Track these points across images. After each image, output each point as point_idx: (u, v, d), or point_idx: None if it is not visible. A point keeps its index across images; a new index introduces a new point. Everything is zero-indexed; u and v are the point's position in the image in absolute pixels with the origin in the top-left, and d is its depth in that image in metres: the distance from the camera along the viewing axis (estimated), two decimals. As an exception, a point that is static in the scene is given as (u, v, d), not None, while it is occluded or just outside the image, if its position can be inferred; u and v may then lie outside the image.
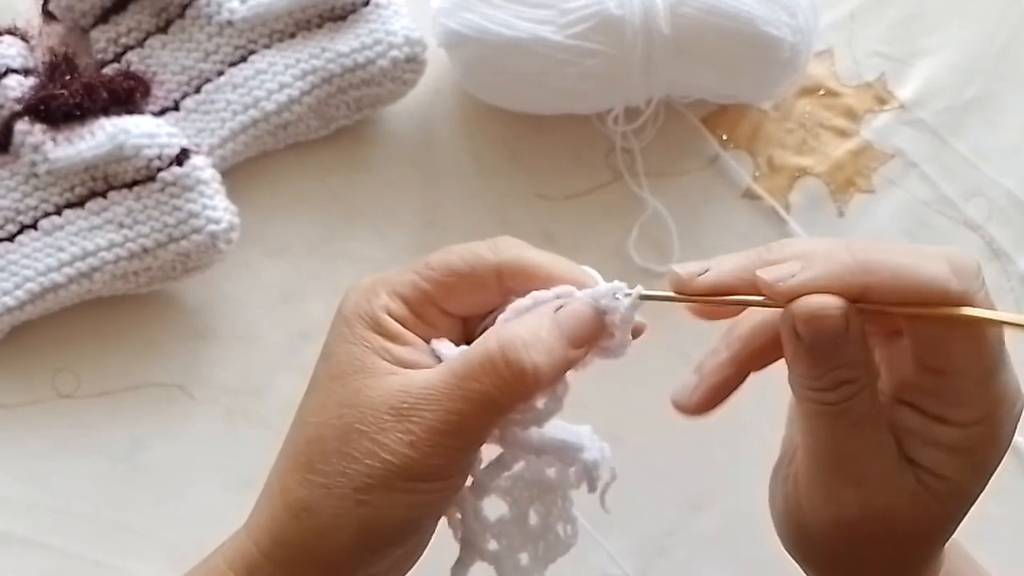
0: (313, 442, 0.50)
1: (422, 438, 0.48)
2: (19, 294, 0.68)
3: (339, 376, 0.51)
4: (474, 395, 0.49)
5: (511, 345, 0.49)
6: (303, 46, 0.71)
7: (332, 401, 0.50)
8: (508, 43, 0.68)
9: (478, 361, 0.49)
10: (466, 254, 0.51)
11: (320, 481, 0.49)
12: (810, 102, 0.76)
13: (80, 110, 0.68)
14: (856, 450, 0.49)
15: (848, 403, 0.48)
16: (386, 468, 0.48)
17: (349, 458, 0.49)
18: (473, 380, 0.49)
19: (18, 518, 0.69)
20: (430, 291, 0.51)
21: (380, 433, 0.49)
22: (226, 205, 0.69)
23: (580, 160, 0.74)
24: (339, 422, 0.50)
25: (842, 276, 0.47)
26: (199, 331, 0.72)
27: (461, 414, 0.49)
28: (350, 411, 0.50)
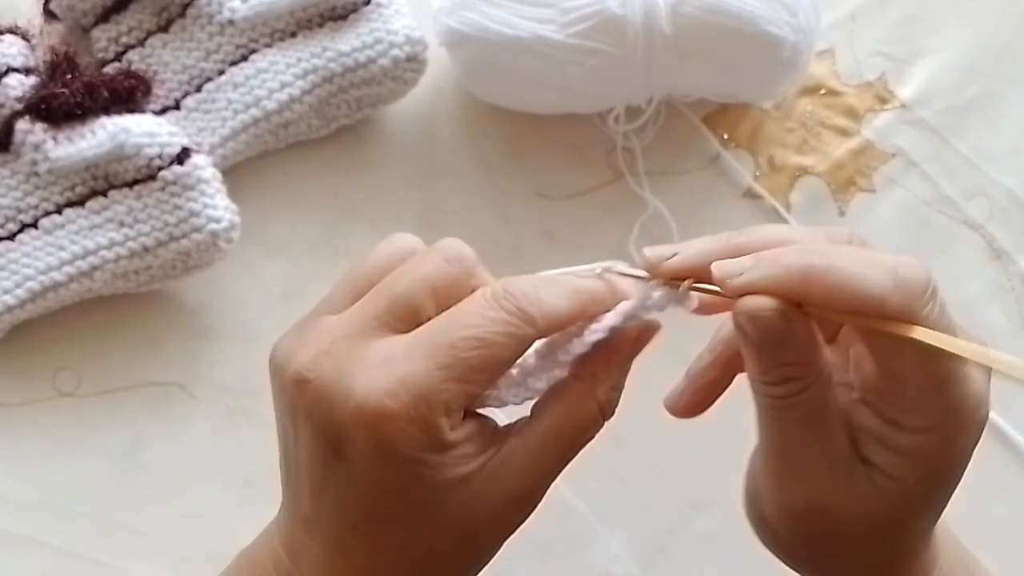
0: (436, 561, 0.50)
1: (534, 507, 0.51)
2: (19, 293, 0.68)
3: (440, 496, 0.49)
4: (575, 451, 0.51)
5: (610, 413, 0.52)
6: (304, 45, 0.71)
7: (446, 514, 0.49)
8: (509, 42, 0.68)
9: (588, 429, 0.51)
10: (509, 341, 0.48)
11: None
12: (811, 101, 0.76)
13: (81, 109, 0.68)
14: (801, 445, 0.50)
15: (793, 399, 0.49)
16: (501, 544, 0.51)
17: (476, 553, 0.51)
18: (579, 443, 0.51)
19: (18, 517, 0.69)
20: (482, 391, 0.49)
21: (508, 518, 0.51)
22: (227, 204, 0.69)
23: (581, 159, 0.74)
24: (466, 532, 0.50)
25: (783, 280, 0.47)
26: (200, 330, 0.72)
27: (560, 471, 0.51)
28: (479, 514, 0.50)
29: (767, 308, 0.47)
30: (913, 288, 0.47)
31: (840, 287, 0.46)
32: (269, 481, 0.70)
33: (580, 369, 0.51)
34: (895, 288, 0.46)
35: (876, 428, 0.50)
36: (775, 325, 0.47)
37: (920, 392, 0.48)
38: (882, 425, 0.50)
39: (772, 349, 0.48)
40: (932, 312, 0.47)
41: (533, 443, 0.50)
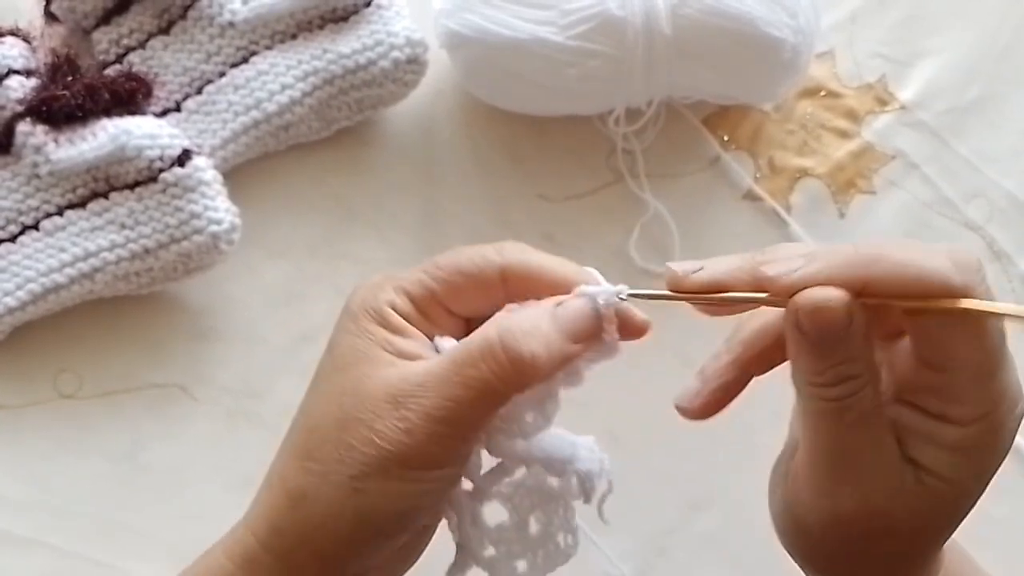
0: (312, 431, 0.51)
1: (418, 425, 0.49)
2: (21, 295, 0.68)
3: (341, 367, 0.51)
4: (471, 382, 0.49)
5: (509, 333, 0.49)
6: (304, 47, 0.71)
7: (333, 391, 0.51)
8: (509, 44, 0.68)
9: (476, 349, 0.49)
10: (474, 255, 0.52)
11: (318, 469, 0.50)
12: (811, 103, 0.76)
13: (82, 111, 0.68)
14: (856, 447, 0.49)
15: (850, 400, 0.48)
16: (382, 456, 0.49)
17: (346, 446, 0.49)
18: (471, 367, 0.49)
19: (19, 518, 0.69)
20: (436, 289, 0.52)
21: (377, 421, 0.49)
22: (228, 206, 0.69)
23: (581, 161, 0.74)
24: (338, 411, 0.50)
25: (844, 269, 0.47)
26: (200, 332, 0.72)
27: (458, 401, 0.49)
28: (349, 399, 0.50)
29: (834, 299, 0.46)
30: (970, 267, 0.47)
31: (904, 269, 0.46)
32: (270, 483, 0.70)
33: None
34: (956, 267, 0.47)
35: (921, 426, 0.50)
36: (839, 319, 0.47)
37: (972, 380, 0.48)
38: (928, 421, 0.49)
39: (830, 346, 0.47)
40: (987, 291, 0.48)
41: (433, 362, 0.50)
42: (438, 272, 0.52)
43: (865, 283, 0.47)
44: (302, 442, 0.51)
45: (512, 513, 0.54)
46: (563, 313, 0.51)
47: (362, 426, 0.49)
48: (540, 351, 0.49)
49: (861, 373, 0.48)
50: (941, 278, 0.46)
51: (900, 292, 0.47)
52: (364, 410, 0.49)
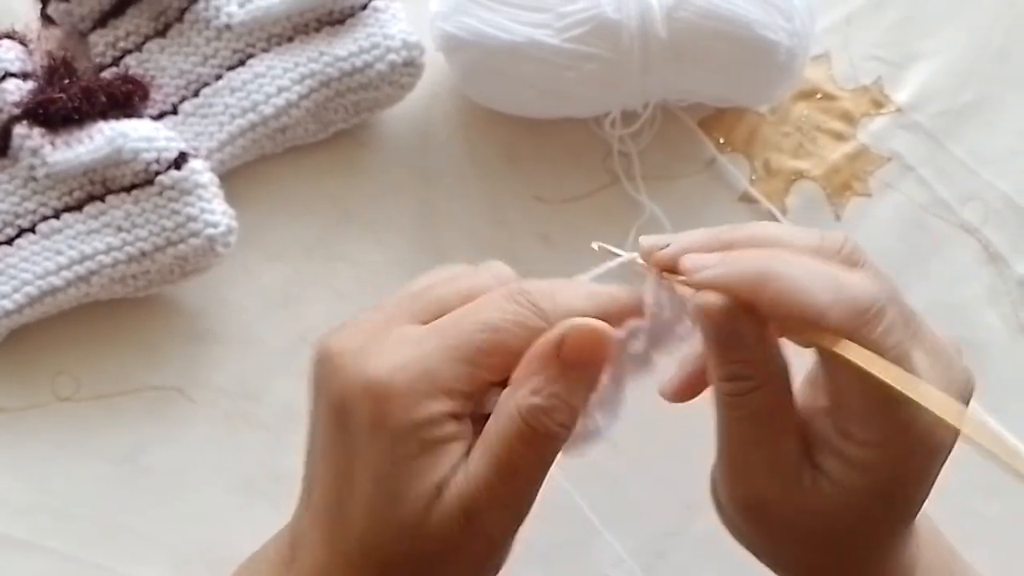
0: (386, 568, 0.49)
1: (496, 527, 0.49)
2: (17, 298, 0.68)
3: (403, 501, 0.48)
4: (522, 470, 0.48)
5: (536, 419, 0.48)
6: (301, 50, 0.71)
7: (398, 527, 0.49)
8: (505, 47, 0.68)
9: (516, 441, 0.48)
10: (519, 330, 0.49)
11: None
12: (807, 106, 0.76)
13: (78, 114, 0.68)
14: (745, 441, 0.51)
15: (740, 398, 0.50)
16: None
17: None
18: (517, 458, 0.48)
19: (18, 521, 0.69)
20: (488, 378, 0.49)
21: (456, 547, 0.49)
22: (224, 209, 0.69)
23: (577, 163, 0.74)
24: (415, 550, 0.49)
25: (737, 283, 0.48)
26: (198, 334, 0.72)
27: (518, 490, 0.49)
28: (427, 537, 0.48)
29: (713, 304, 0.48)
30: (854, 306, 0.47)
31: (785, 296, 0.47)
32: (269, 484, 0.70)
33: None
34: (834, 303, 0.47)
35: (830, 436, 0.50)
36: (722, 322, 0.48)
37: (864, 408, 0.49)
38: (835, 434, 0.50)
39: (721, 345, 0.49)
40: (873, 333, 0.47)
41: (471, 461, 0.49)
42: (489, 360, 0.49)
43: (753, 301, 0.48)
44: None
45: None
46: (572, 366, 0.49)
47: (444, 559, 0.49)
48: (567, 418, 0.49)
49: (751, 376, 0.49)
50: (815, 312, 0.47)
51: (782, 315, 0.48)
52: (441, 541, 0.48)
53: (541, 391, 0.48)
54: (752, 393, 0.50)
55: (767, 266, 0.48)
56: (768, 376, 0.50)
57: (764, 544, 0.54)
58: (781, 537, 0.53)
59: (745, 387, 0.50)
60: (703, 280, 0.49)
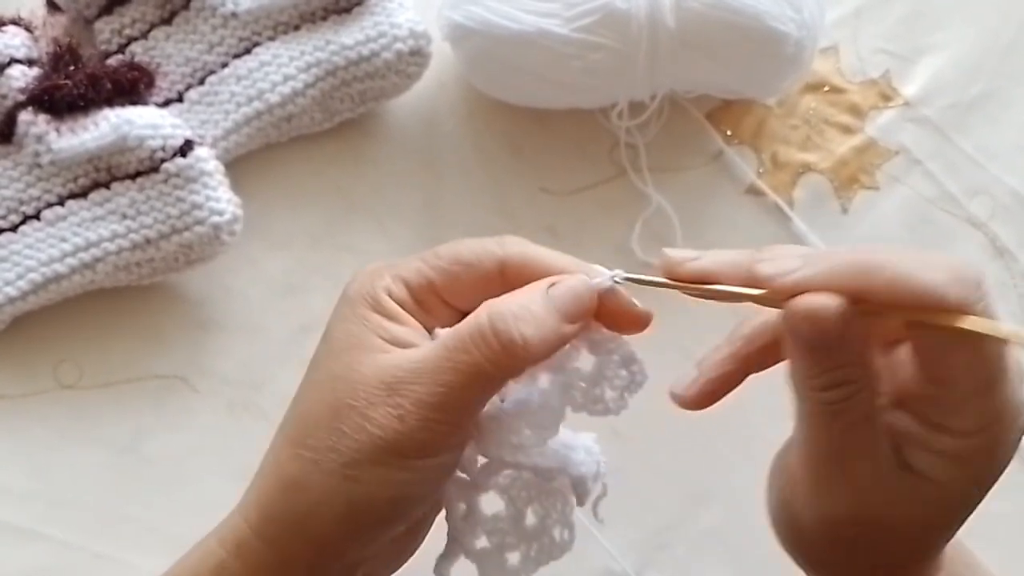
0: (305, 417, 0.51)
1: (411, 411, 0.48)
2: (21, 284, 0.68)
3: (335, 353, 0.51)
4: (463, 367, 0.49)
5: (500, 316, 0.49)
6: (307, 38, 0.71)
7: (326, 377, 0.51)
8: (513, 36, 0.68)
9: (467, 333, 0.49)
10: (474, 246, 0.52)
11: (310, 456, 0.50)
12: (815, 98, 0.76)
13: (84, 101, 0.68)
14: (850, 450, 0.49)
15: (845, 403, 0.48)
16: (374, 443, 0.49)
17: (339, 433, 0.49)
18: (462, 352, 0.49)
19: (20, 509, 0.69)
20: (434, 279, 0.52)
21: (370, 408, 0.49)
22: (229, 197, 0.69)
23: (584, 155, 0.74)
24: (331, 397, 0.50)
25: (841, 276, 0.46)
26: (201, 323, 0.72)
27: (450, 387, 0.49)
28: (342, 385, 0.50)
29: (830, 307, 0.46)
30: (970, 281, 0.46)
31: (901, 281, 0.46)
32: (270, 474, 0.70)
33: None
34: (954, 281, 0.46)
35: (919, 434, 0.49)
36: (836, 325, 0.46)
37: (970, 394, 0.48)
38: (926, 430, 0.49)
39: (828, 351, 0.47)
40: (986, 308, 0.47)
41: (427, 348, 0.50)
42: (437, 262, 0.52)
43: (862, 292, 0.46)
44: (295, 429, 0.51)
45: (509, 505, 0.54)
46: (556, 292, 0.50)
47: (355, 413, 0.49)
48: (531, 333, 0.49)
49: (856, 379, 0.48)
50: (938, 294, 0.46)
51: (897, 304, 0.46)
52: (357, 397, 0.49)
53: (514, 305, 0.50)
54: (855, 397, 0.48)
55: (868, 257, 0.46)
56: (869, 377, 0.48)
57: (849, 561, 0.52)
58: (874, 550, 0.51)
59: (849, 391, 0.48)
60: (800, 281, 0.47)
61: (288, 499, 0.50)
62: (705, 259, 0.50)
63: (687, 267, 0.50)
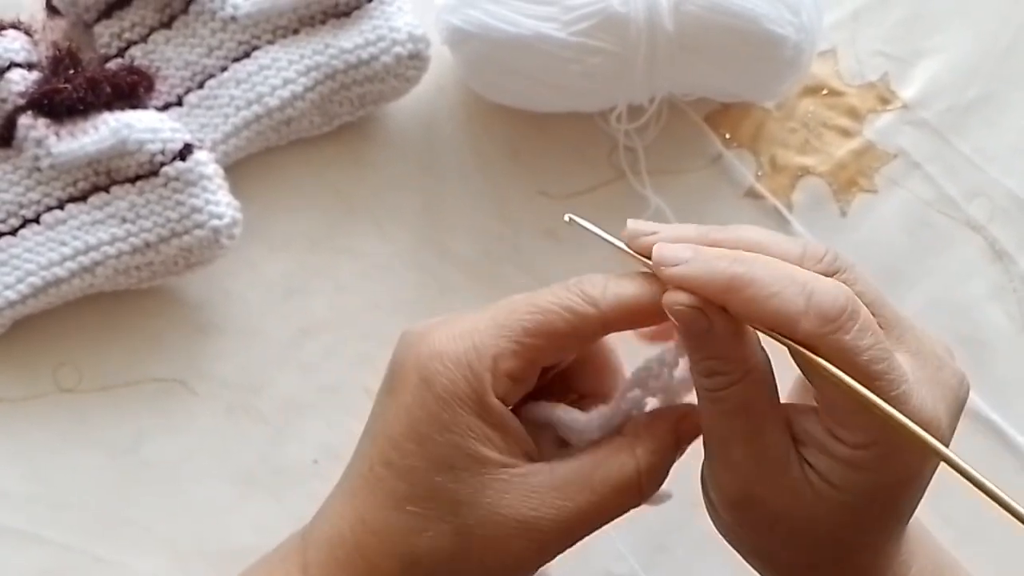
0: (433, 555, 0.51)
1: (536, 560, 0.51)
2: (21, 288, 0.68)
3: (448, 470, 0.50)
4: (603, 515, 0.52)
5: (649, 482, 0.53)
6: (307, 42, 0.71)
7: (444, 499, 0.50)
8: (511, 40, 0.68)
9: (621, 492, 0.52)
10: (565, 313, 0.51)
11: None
12: (813, 101, 0.76)
13: (83, 104, 0.68)
14: (729, 436, 0.50)
15: (718, 393, 0.50)
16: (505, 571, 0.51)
17: (470, 563, 0.50)
18: (610, 506, 0.52)
19: (19, 512, 0.69)
20: (538, 360, 0.52)
21: (500, 540, 0.50)
22: (229, 200, 0.69)
23: (583, 158, 0.74)
24: (461, 539, 0.50)
25: (712, 283, 0.48)
26: (201, 326, 0.72)
27: (584, 534, 0.51)
28: (472, 511, 0.50)
29: (683, 304, 0.48)
30: (826, 313, 0.47)
31: (757, 302, 0.47)
32: (270, 477, 0.70)
33: (626, 426, 0.54)
34: (806, 311, 0.47)
35: (818, 435, 0.50)
36: (695, 322, 0.48)
37: (849, 412, 0.48)
38: (823, 433, 0.50)
39: (694, 342, 0.49)
40: (845, 338, 0.47)
41: (559, 477, 0.51)
42: (534, 341, 0.51)
43: (725, 303, 0.48)
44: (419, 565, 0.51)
45: None
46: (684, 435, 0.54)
47: (489, 551, 0.50)
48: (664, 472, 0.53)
49: (729, 371, 0.49)
50: (789, 322, 0.47)
51: (755, 320, 0.48)
52: (488, 528, 0.50)
53: (664, 457, 0.54)
54: (731, 388, 0.49)
55: (738, 271, 0.48)
56: (746, 371, 0.50)
57: (753, 543, 0.54)
58: (770, 535, 0.52)
59: (723, 382, 0.50)
60: (674, 276, 0.49)
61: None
62: (657, 236, 0.51)
63: (639, 242, 0.52)
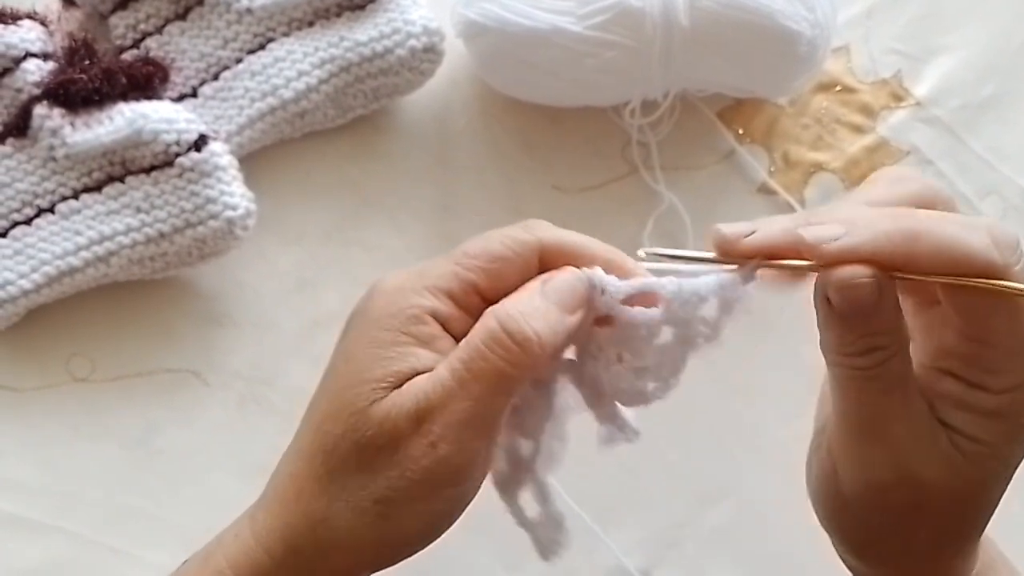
0: (331, 452, 0.49)
1: (443, 436, 0.48)
2: (35, 277, 0.68)
3: (355, 382, 0.50)
4: (486, 375, 0.48)
5: (510, 318, 0.49)
6: (321, 34, 0.71)
7: (349, 411, 0.49)
8: (526, 34, 0.68)
9: (480, 341, 0.49)
10: (505, 239, 0.51)
11: (339, 493, 0.49)
12: (826, 98, 0.76)
13: (99, 95, 0.68)
14: (886, 413, 0.49)
15: (878, 368, 0.48)
16: (408, 479, 0.48)
17: (369, 471, 0.48)
18: (480, 361, 0.48)
19: (31, 502, 0.69)
20: (476, 281, 0.50)
21: (401, 443, 0.48)
22: (243, 191, 0.69)
23: (596, 152, 0.74)
24: (356, 435, 0.49)
25: (885, 244, 0.46)
26: (214, 317, 0.72)
27: (477, 398, 0.48)
28: (366, 423, 0.49)
29: (867, 276, 0.46)
30: (1010, 243, 0.47)
31: (946, 248, 0.46)
32: (282, 469, 0.70)
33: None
34: (996, 246, 0.46)
35: (956, 392, 0.49)
36: (870, 295, 0.46)
37: (1009, 352, 0.48)
38: (964, 388, 0.49)
39: (862, 319, 0.47)
40: (1022, 268, 0.47)
41: (438, 368, 0.49)
42: (472, 262, 0.50)
43: (907, 259, 0.46)
44: (320, 462, 0.50)
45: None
46: (550, 288, 0.50)
47: (384, 451, 0.48)
48: (542, 327, 0.49)
49: (889, 344, 0.48)
50: (984, 259, 0.46)
51: (941, 270, 0.47)
52: (384, 434, 0.48)
53: (523, 305, 0.49)
54: (889, 362, 0.48)
55: (912, 224, 0.46)
56: (901, 341, 0.49)
57: (890, 531, 0.52)
58: (919, 515, 0.50)
59: (883, 356, 0.48)
60: (840, 250, 0.47)
61: (316, 534, 0.49)
62: (760, 232, 0.49)
63: (743, 244, 0.49)
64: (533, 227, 0.52)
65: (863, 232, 0.47)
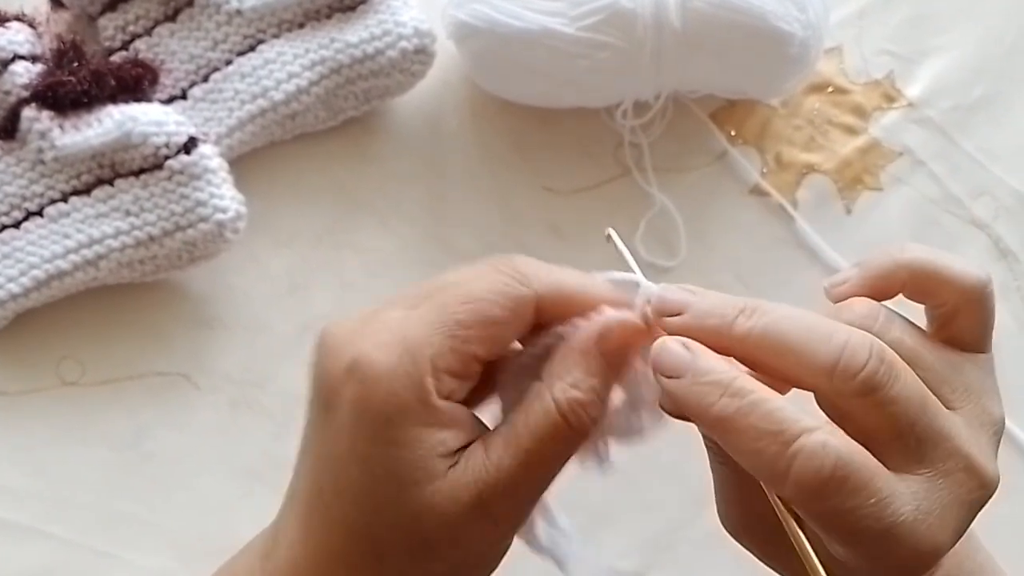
0: (381, 558, 0.47)
1: (507, 517, 0.47)
2: (24, 281, 0.68)
3: (397, 486, 0.46)
4: (548, 459, 0.47)
5: (575, 414, 0.47)
6: (312, 36, 0.71)
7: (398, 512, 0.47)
8: (518, 35, 0.67)
9: (545, 432, 0.46)
10: (499, 298, 0.47)
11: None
12: (818, 99, 0.76)
13: (88, 97, 0.68)
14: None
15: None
16: (466, 561, 0.48)
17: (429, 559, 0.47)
18: (547, 449, 0.47)
19: (21, 507, 0.69)
20: (475, 351, 0.47)
21: (463, 531, 0.47)
22: (233, 194, 0.69)
23: (588, 154, 0.74)
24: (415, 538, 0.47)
25: (695, 412, 0.46)
26: (204, 320, 0.71)
27: (542, 478, 0.47)
28: (428, 521, 0.47)
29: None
30: (807, 484, 0.44)
31: (737, 450, 0.45)
32: (273, 472, 0.69)
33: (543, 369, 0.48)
34: (786, 476, 0.44)
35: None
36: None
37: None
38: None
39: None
40: (827, 504, 0.44)
41: (493, 450, 0.47)
42: (469, 333, 0.46)
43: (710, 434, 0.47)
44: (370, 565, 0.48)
45: None
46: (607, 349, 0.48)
47: (444, 541, 0.47)
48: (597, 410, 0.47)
49: None
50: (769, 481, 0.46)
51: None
52: (446, 525, 0.46)
53: (580, 385, 0.47)
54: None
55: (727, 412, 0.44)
56: None
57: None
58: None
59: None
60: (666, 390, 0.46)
61: None
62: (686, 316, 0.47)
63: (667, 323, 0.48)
64: (523, 272, 0.48)
65: (688, 388, 0.46)
